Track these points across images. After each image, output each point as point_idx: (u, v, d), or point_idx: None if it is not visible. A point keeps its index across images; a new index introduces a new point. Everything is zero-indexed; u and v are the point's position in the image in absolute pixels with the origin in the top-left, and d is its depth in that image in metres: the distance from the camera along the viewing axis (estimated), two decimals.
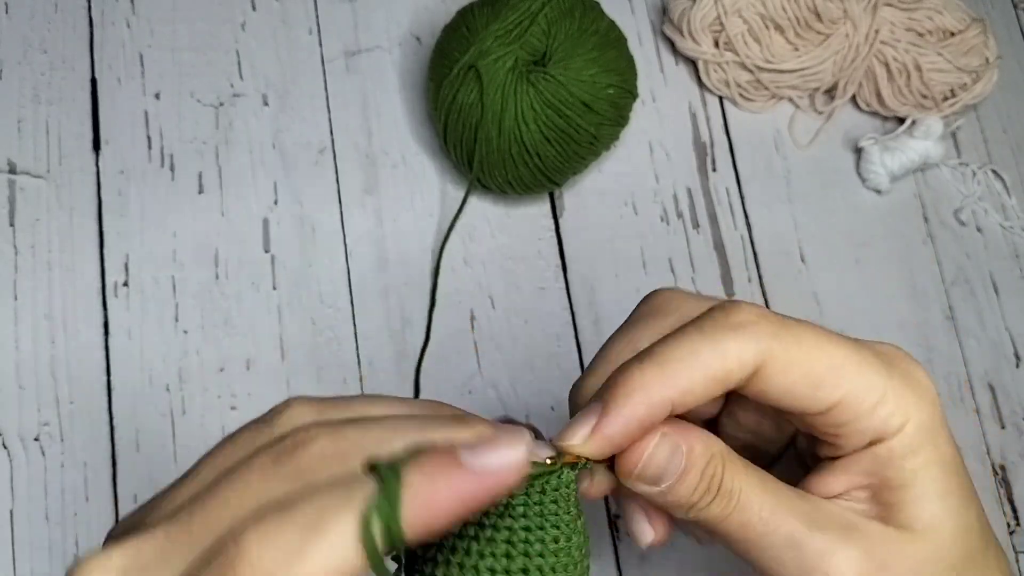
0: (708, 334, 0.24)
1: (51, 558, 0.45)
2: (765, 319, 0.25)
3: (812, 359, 0.25)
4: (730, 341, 0.24)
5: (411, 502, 0.20)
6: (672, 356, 0.24)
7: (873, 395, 0.25)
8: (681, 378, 0.24)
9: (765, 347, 0.24)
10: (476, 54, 0.46)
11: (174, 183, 0.51)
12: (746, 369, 0.24)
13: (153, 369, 0.48)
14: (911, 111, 0.56)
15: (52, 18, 0.52)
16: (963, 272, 0.55)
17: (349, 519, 0.20)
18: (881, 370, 0.25)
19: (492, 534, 0.23)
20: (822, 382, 0.25)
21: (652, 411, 0.24)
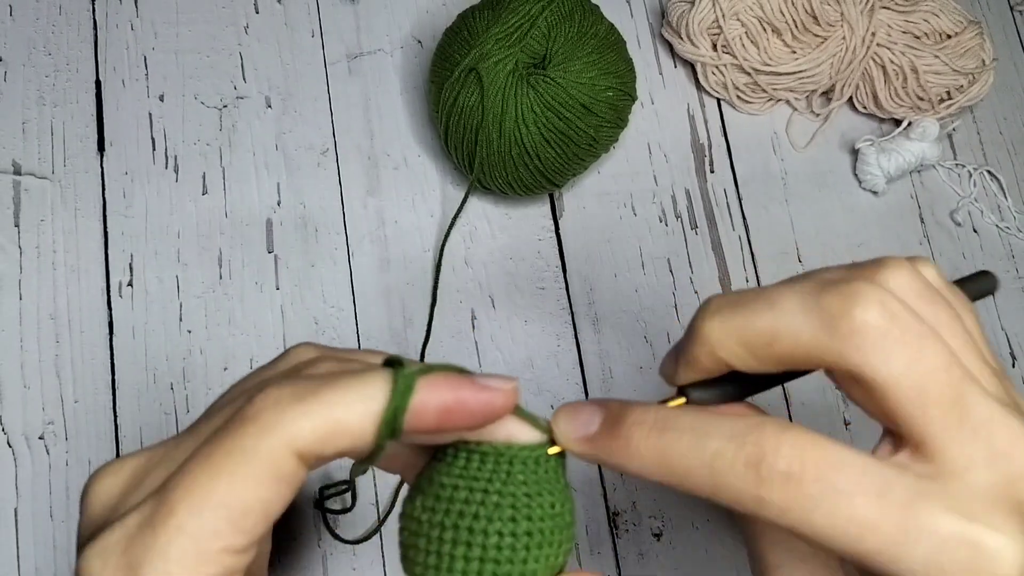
0: (726, 467, 0.23)
1: (55, 556, 0.45)
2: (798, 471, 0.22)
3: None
4: (736, 480, 0.23)
5: (422, 389, 0.23)
6: (672, 452, 0.24)
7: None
8: (664, 473, 0.24)
9: (771, 506, 0.23)
10: (477, 57, 0.47)
11: (178, 184, 0.51)
12: (749, 505, 0.23)
13: (157, 368, 0.48)
14: (907, 113, 0.56)
15: (56, 20, 0.53)
16: (959, 273, 0.55)
17: (359, 387, 0.23)
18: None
19: (498, 500, 0.24)
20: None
21: (627, 473, 0.25)
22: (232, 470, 0.22)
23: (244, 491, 0.22)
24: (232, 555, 0.22)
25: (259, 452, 0.22)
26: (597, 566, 0.48)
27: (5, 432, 0.46)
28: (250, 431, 0.22)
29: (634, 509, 0.49)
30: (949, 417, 0.23)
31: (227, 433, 0.22)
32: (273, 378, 0.24)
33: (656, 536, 0.48)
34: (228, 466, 0.22)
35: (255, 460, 0.22)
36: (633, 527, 0.48)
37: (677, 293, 0.53)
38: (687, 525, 0.49)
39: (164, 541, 0.21)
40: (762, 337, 0.24)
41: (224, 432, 0.22)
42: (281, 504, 0.23)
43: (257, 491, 0.22)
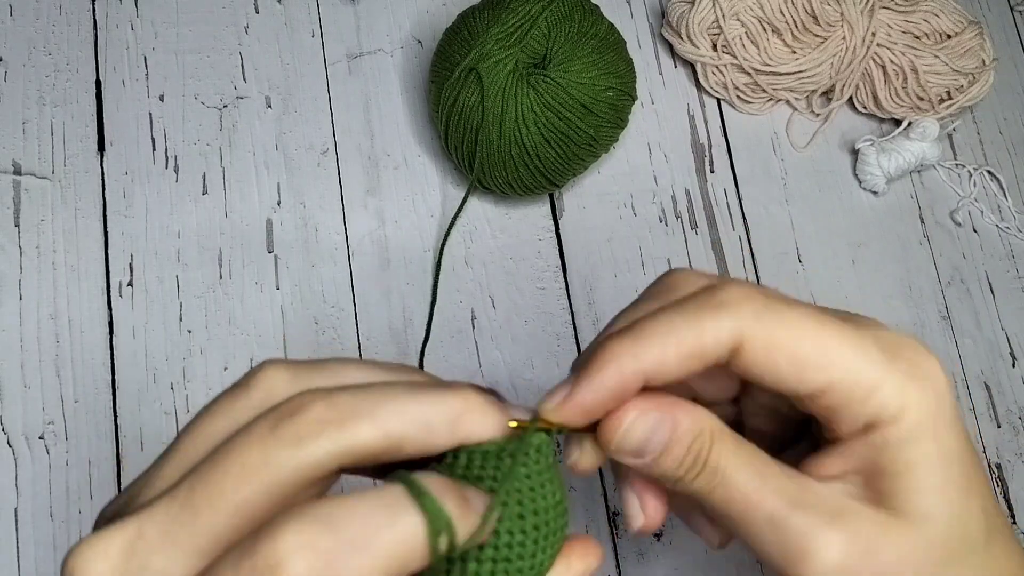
0: (688, 311, 0.24)
1: (55, 556, 0.45)
2: (749, 299, 0.24)
3: (796, 341, 0.24)
4: (707, 319, 0.24)
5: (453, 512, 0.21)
6: (648, 331, 0.24)
7: (866, 382, 0.24)
8: (654, 351, 0.24)
9: (744, 326, 0.24)
10: (477, 57, 0.47)
11: (178, 184, 0.51)
12: (722, 347, 0.24)
13: (157, 368, 0.48)
14: (908, 113, 0.56)
15: (57, 21, 0.53)
16: (959, 272, 0.55)
17: (400, 530, 0.20)
18: (879, 357, 0.24)
19: (505, 498, 0.24)
20: (807, 365, 0.24)
21: (623, 381, 0.25)
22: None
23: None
24: None
25: None
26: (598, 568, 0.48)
27: (5, 432, 0.46)
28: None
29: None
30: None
31: None
32: (288, 521, 0.20)
33: (656, 536, 0.48)
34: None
35: None
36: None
37: None
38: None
39: None
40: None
41: None
42: None
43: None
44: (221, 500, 0.20)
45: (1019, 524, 0.51)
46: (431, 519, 0.21)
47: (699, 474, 0.26)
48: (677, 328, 0.24)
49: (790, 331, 0.24)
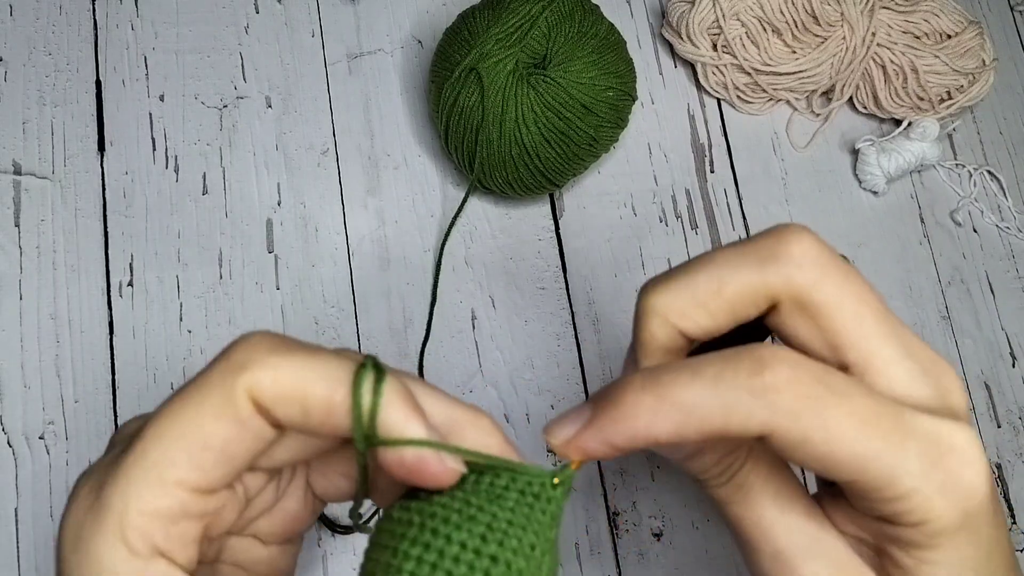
0: (723, 387, 0.22)
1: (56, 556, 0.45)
2: (794, 389, 0.22)
3: (833, 444, 0.22)
4: (741, 403, 0.22)
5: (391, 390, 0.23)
6: (674, 397, 0.23)
7: (894, 490, 0.23)
8: (670, 424, 0.23)
9: (777, 422, 0.22)
10: (477, 57, 0.47)
11: (178, 184, 0.51)
12: (748, 434, 0.23)
13: (158, 368, 0.48)
14: (908, 113, 0.56)
15: (57, 20, 0.53)
16: (959, 272, 0.56)
17: (331, 366, 0.23)
18: (917, 468, 0.23)
19: (475, 513, 0.23)
20: (839, 465, 0.23)
21: (634, 443, 0.24)
22: (196, 403, 0.23)
23: (202, 424, 0.22)
24: (189, 492, 0.22)
25: (220, 388, 0.23)
26: (597, 566, 0.48)
27: (5, 432, 0.46)
28: (218, 367, 0.23)
29: (634, 509, 0.49)
30: (888, 338, 0.24)
31: (202, 371, 0.23)
32: (257, 333, 0.24)
33: (656, 536, 0.48)
34: (193, 399, 0.23)
35: (214, 395, 0.23)
36: (633, 527, 0.48)
37: None
38: (687, 525, 0.49)
39: (127, 464, 0.22)
40: (710, 287, 0.24)
41: (201, 371, 0.23)
42: (243, 451, 0.23)
43: (214, 426, 0.22)
44: None
45: (1019, 524, 0.51)
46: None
47: (724, 484, 0.25)
48: (705, 406, 0.23)
49: (830, 432, 0.22)
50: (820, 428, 0.22)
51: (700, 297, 0.24)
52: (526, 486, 0.24)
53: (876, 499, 0.23)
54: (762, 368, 0.22)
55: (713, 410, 0.22)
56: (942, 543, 0.23)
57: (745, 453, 0.25)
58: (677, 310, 0.25)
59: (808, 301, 0.24)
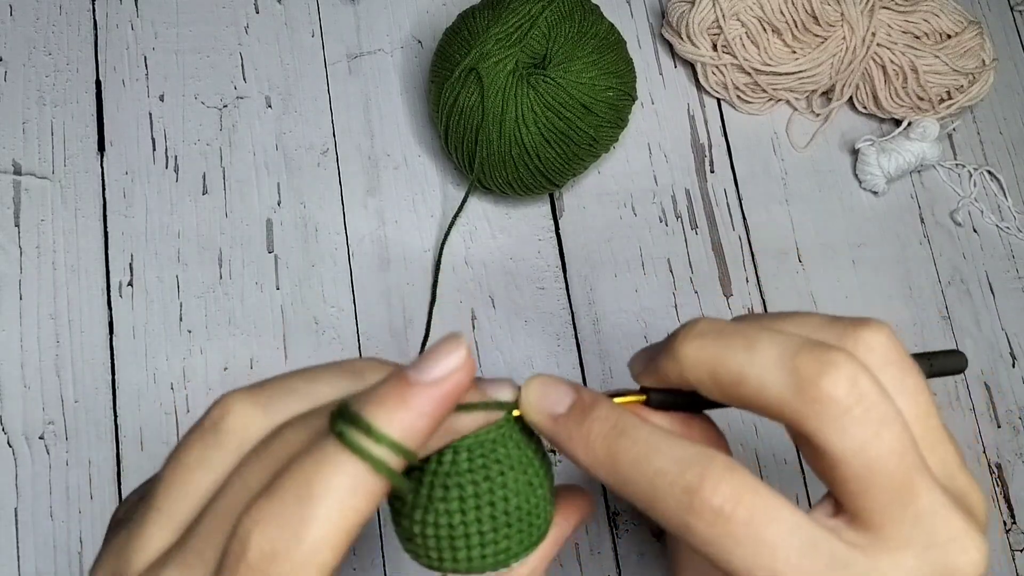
0: (663, 494, 0.23)
1: (56, 556, 0.45)
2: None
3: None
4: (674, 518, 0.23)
5: (387, 427, 0.22)
6: (632, 458, 0.24)
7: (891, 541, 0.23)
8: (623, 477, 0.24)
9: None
10: (477, 57, 0.47)
11: (178, 184, 0.51)
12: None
13: (157, 368, 0.48)
14: (908, 113, 0.56)
15: (57, 20, 0.53)
16: (959, 272, 0.56)
17: (338, 474, 0.21)
18: (917, 537, 0.23)
19: (475, 489, 0.25)
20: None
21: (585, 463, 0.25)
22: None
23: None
24: None
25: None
26: (597, 566, 0.48)
27: (5, 432, 0.46)
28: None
29: (634, 509, 0.49)
30: (894, 501, 0.23)
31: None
32: (243, 511, 0.21)
33: (656, 536, 0.48)
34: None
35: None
36: (633, 527, 0.48)
37: (677, 293, 0.53)
38: None
39: None
40: (731, 376, 0.24)
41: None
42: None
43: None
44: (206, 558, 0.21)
45: (1019, 524, 0.51)
46: (371, 460, 0.21)
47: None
48: (658, 488, 0.23)
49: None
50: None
51: (720, 378, 0.25)
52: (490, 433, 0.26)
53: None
54: (696, 487, 0.23)
55: (642, 486, 0.24)
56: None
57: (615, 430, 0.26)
58: (697, 374, 0.25)
59: (815, 444, 0.24)
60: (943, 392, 0.53)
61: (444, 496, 0.25)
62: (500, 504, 0.25)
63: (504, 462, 0.25)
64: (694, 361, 0.25)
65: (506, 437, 0.26)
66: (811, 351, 0.23)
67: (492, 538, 0.25)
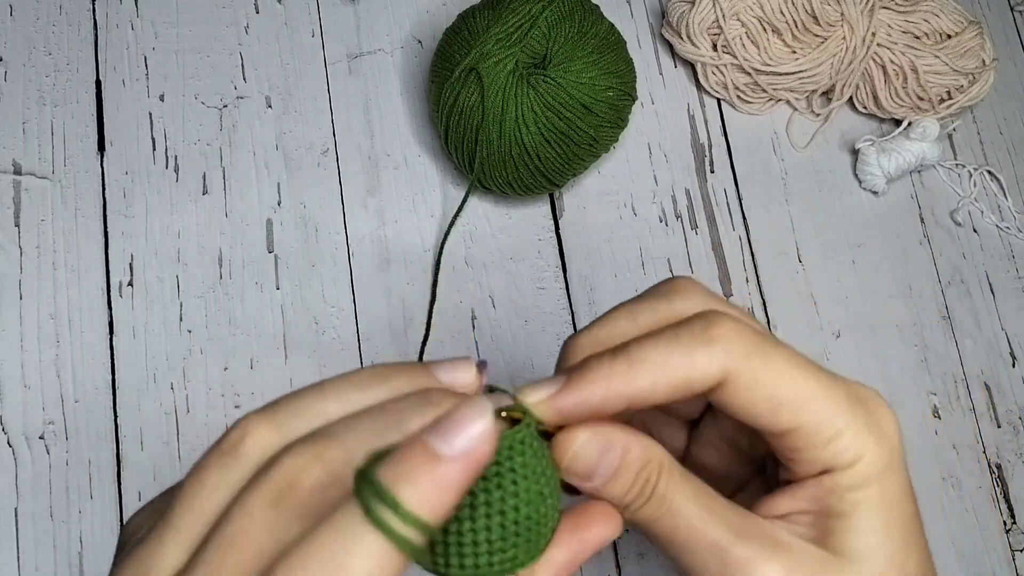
0: (682, 342, 0.25)
1: (56, 555, 0.45)
2: (741, 336, 0.25)
3: (777, 383, 0.25)
4: (700, 353, 0.25)
5: (414, 504, 0.21)
6: (642, 357, 0.25)
7: (830, 429, 0.26)
8: (644, 379, 0.25)
9: (733, 364, 0.25)
10: (477, 57, 0.47)
11: (178, 184, 0.51)
12: (709, 381, 0.25)
13: (157, 368, 0.48)
14: (908, 113, 0.56)
15: (57, 21, 0.53)
16: (959, 272, 0.56)
17: (365, 554, 0.21)
18: (846, 408, 0.26)
19: (502, 491, 0.25)
20: (782, 407, 0.26)
21: (608, 401, 0.26)
22: None
23: None
24: None
25: None
26: (597, 566, 0.48)
27: (5, 432, 0.46)
28: None
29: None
30: (815, 388, 0.26)
31: None
32: None
33: None
34: None
35: None
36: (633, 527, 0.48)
37: None
38: None
39: None
40: (626, 320, 0.27)
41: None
42: None
43: None
44: None
45: (1019, 524, 0.51)
46: (394, 536, 0.21)
47: (646, 502, 0.27)
48: (669, 359, 0.25)
49: (774, 373, 0.25)
50: (767, 369, 0.25)
51: (619, 329, 0.27)
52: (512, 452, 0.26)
53: (815, 443, 0.26)
54: (711, 323, 0.26)
55: (680, 363, 0.25)
56: (874, 481, 0.26)
57: (658, 464, 0.27)
58: (598, 344, 0.27)
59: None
60: (943, 392, 0.53)
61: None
62: (511, 513, 0.25)
63: (519, 471, 0.25)
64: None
65: (524, 444, 0.26)
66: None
67: (500, 546, 0.25)
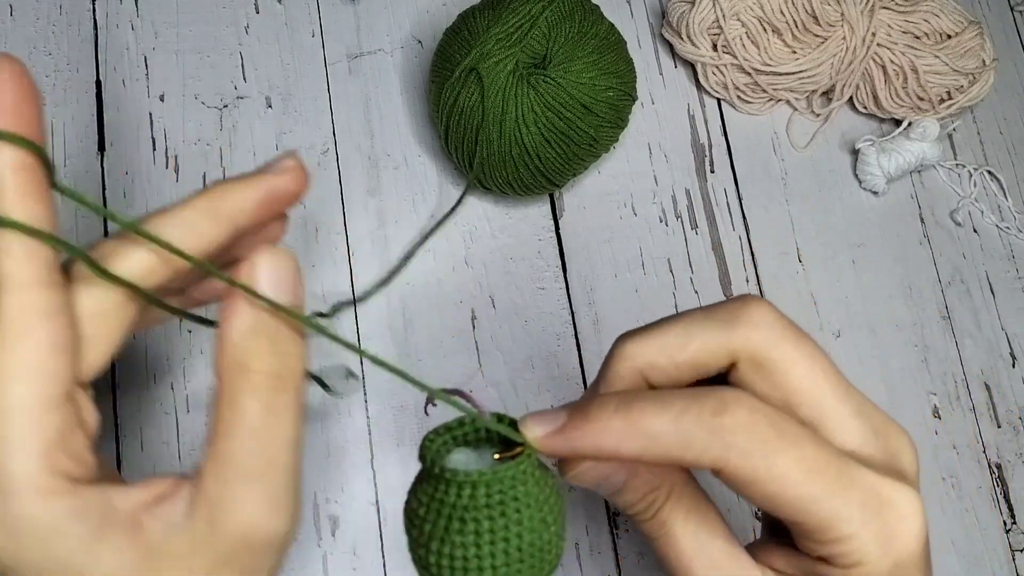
0: (685, 420, 0.25)
1: None
2: (748, 431, 0.25)
3: (780, 485, 0.25)
4: (699, 438, 0.25)
5: None
6: (642, 424, 0.25)
7: (833, 532, 0.25)
8: (635, 446, 0.25)
9: (730, 460, 0.25)
10: (477, 57, 0.47)
11: (179, 184, 0.51)
12: (702, 466, 0.25)
13: (157, 368, 0.48)
14: (908, 113, 0.56)
15: (57, 20, 0.53)
16: (959, 273, 0.56)
17: None
18: (858, 515, 0.25)
19: (494, 524, 0.26)
20: (784, 506, 0.25)
21: (599, 454, 0.26)
22: None
23: None
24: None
25: None
26: (597, 566, 0.48)
27: None
28: None
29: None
30: (840, 397, 0.27)
31: None
32: None
33: None
34: None
35: None
36: (633, 527, 0.48)
37: (677, 293, 0.53)
38: None
39: None
40: (678, 341, 0.27)
41: None
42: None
43: None
44: None
45: (1019, 524, 0.51)
46: None
47: (650, 519, 0.28)
48: (667, 436, 0.25)
49: (777, 473, 0.25)
50: (768, 469, 0.24)
51: (668, 350, 0.27)
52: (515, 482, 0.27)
53: (816, 540, 0.25)
54: (723, 409, 0.25)
55: (674, 441, 0.25)
56: None
57: (666, 492, 0.28)
58: (646, 358, 0.28)
59: (764, 359, 0.27)
60: (943, 392, 0.53)
61: (460, 529, 0.26)
62: (514, 540, 0.26)
63: (521, 499, 0.26)
64: (641, 349, 0.28)
65: (526, 475, 0.26)
66: (724, 302, 0.28)
67: (504, 572, 0.26)
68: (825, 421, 0.26)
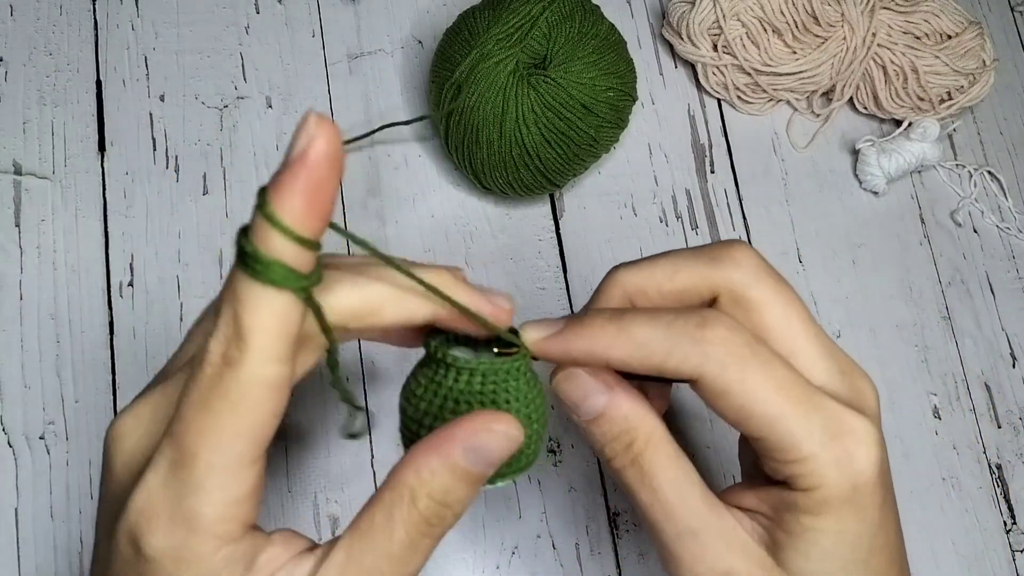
0: (670, 332, 0.27)
1: (56, 556, 0.45)
2: (726, 344, 0.27)
3: (749, 398, 0.27)
4: (681, 348, 0.27)
5: (289, 219, 0.24)
6: (631, 332, 0.28)
7: (794, 452, 0.27)
8: (624, 351, 0.28)
9: (708, 369, 0.27)
10: (477, 57, 0.47)
11: (179, 184, 0.51)
12: (682, 375, 0.27)
13: (157, 368, 0.48)
14: (908, 113, 0.56)
15: (57, 20, 0.53)
16: (959, 273, 0.56)
17: (251, 299, 0.24)
18: (818, 436, 0.27)
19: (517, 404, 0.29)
20: (750, 419, 0.27)
21: (589, 357, 0.28)
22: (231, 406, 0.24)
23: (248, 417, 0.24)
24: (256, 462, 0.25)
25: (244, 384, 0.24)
26: (597, 566, 0.48)
27: (5, 432, 0.46)
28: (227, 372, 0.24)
29: (634, 509, 0.49)
30: (811, 338, 0.29)
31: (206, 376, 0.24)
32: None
33: None
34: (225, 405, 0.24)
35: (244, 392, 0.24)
36: (633, 527, 0.48)
37: None
38: None
39: (197, 479, 0.24)
40: (665, 272, 0.30)
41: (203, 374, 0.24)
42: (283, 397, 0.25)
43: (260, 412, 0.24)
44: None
45: (1019, 524, 0.51)
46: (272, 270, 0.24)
47: (629, 466, 0.29)
48: (653, 343, 0.28)
49: (748, 387, 0.27)
50: (740, 382, 0.27)
51: (657, 279, 0.30)
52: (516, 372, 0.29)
53: (779, 459, 0.27)
54: (705, 323, 0.27)
55: (659, 348, 0.27)
56: (829, 511, 0.27)
57: (645, 438, 0.29)
58: (636, 285, 0.30)
59: (743, 297, 0.28)
60: (943, 393, 0.53)
61: (454, 409, 0.28)
62: None
63: (512, 392, 0.28)
64: (632, 277, 0.31)
65: (519, 372, 0.29)
66: (713, 244, 0.30)
67: None
68: (795, 358, 0.28)
